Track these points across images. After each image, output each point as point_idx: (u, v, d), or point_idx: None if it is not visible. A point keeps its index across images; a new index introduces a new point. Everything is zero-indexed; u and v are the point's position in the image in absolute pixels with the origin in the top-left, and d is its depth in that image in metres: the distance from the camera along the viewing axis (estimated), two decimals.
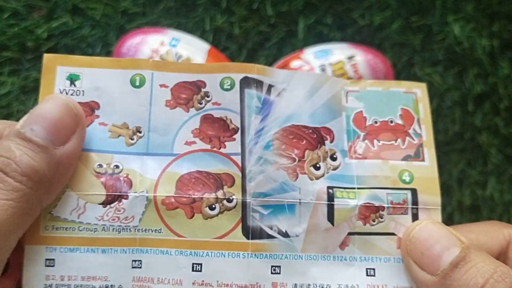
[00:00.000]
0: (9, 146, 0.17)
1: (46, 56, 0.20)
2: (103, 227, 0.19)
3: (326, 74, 0.29)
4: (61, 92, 0.20)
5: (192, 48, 0.33)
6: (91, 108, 0.20)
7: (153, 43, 0.32)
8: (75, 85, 0.20)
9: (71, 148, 0.18)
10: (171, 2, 0.36)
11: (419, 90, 0.22)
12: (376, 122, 0.22)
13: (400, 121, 0.22)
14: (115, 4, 0.36)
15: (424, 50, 0.36)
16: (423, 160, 0.21)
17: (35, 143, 0.17)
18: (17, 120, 0.35)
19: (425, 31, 0.35)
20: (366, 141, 0.21)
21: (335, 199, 0.20)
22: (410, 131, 0.21)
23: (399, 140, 0.21)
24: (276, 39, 0.36)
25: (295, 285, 0.20)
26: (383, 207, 0.21)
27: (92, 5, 0.36)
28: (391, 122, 0.22)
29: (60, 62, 0.20)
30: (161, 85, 0.20)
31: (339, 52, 0.33)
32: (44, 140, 0.17)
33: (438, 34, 0.35)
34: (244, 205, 0.20)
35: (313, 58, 0.33)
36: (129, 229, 0.19)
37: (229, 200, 0.19)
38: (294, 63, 0.33)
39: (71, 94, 0.20)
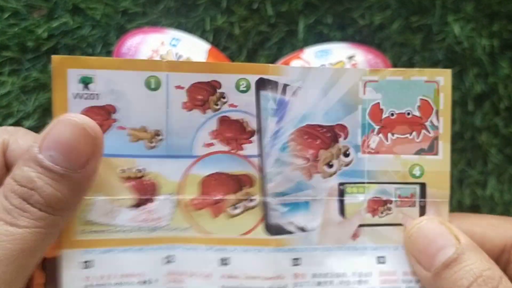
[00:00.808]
0: (30, 176, 0.17)
1: (54, 58, 0.19)
2: (135, 228, 0.20)
3: (343, 67, 0.29)
4: (74, 98, 0.19)
5: (192, 48, 0.33)
6: (108, 112, 0.20)
7: (153, 43, 0.32)
8: (88, 89, 0.19)
9: (90, 170, 0.18)
10: (171, 2, 0.36)
11: (442, 78, 0.21)
12: (392, 115, 0.22)
13: (417, 113, 0.22)
14: (115, 4, 0.36)
15: (424, 50, 0.36)
16: (436, 153, 0.22)
17: (55, 172, 0.17)
18: (18, 120, 0.35)
19: (425, 31, 0.36)
20: (380, 135, 0.22)
21: (346, 195, 0.21)
22: (427, 123, 0.22)
23: (414, 133, 0.22)
24: (276, 39, 0.36)
25: (314, 274, 0.21)
26: (391, 200, 0.21)
27: (92, 5, 0.36)
28: (408, 114, 0.22)
29: (71, 65, 0.19)
30: (176, 87, 0.20)
31: (339, 52, 0.33)
32: (64, 168, 0.17)
33: (438, 34, 0.35)
34: (264, 204, 0.21)
35: (314, 57, 0.33)
36: (160, 229, 0.20)
37: (251, 200, 0.21)
38: (295, 63, 0.33)
39: (86, 98, 0.20)
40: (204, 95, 0.20)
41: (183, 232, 0.20)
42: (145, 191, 0.20)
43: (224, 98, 0.20)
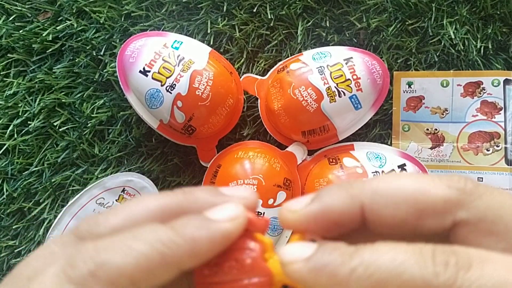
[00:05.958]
0: None
1: (395, 73, 0.36)
2: (432, 160, 0.36)
3: None
4: (403, 92, 0.36)
5: (193, 51, 0.33)
6: (420, 99, 0.36)
7: (156, 45, 0.33)
8: (410, 87, 0.36)
9: None
10: (173, 6, 0.37)
11: None
12: None
13: None
14: (118, 7, 0.36)
15: (420, 52, 0.36)
16: None
17: None
18: (23, 120, 0.35)
19: (421, 34, 0.36)
20: None
21: None
22: None
23: None
24: (275, 41, 0.36)
25: None
26: None
27: (97, 8, 0.36)
28: None
29: (403, 76, 0.36)
30: (458, 85, 0.36)
31: (336, 54, 0.34)
32: None
33: (433, 36, 0.36)
34: (505, 148, 0.35)
35: (312, 60, 0.33)
36: (444, 161, 0.36)
37: (497, 146, 0.35)
38: (293, 65, 0.34)
39: (409, 92, 0.37)
40: (473, 89, 0.36)
41: (457, 163, 0.36)
42: (437, 140, 0.36)
43: (484, 90, 0.36)
